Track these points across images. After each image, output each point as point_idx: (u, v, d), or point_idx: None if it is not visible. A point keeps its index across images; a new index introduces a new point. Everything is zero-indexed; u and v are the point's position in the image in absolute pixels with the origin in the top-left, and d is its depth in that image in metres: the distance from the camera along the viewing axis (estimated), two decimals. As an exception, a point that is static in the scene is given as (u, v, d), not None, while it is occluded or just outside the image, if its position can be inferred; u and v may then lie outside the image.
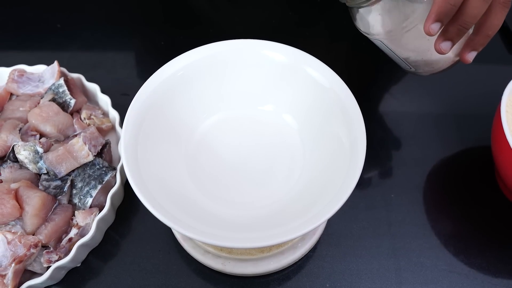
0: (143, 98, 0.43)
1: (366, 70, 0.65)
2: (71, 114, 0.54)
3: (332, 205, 0.37)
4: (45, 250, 0.45)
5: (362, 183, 0.53)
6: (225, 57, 0.46)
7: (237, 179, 0.44)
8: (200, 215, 0.40)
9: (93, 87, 0.57)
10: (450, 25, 0.39)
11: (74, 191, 0.48)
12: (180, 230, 0.35)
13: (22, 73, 0.56)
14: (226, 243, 0.35)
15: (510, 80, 0.49)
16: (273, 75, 0.47)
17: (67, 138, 0.52)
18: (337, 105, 0.43)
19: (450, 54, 0.44)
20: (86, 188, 0.48)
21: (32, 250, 0.44)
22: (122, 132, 0.41)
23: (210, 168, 0.45)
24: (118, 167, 0.50)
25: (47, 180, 0.48)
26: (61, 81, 0.54)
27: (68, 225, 0.47)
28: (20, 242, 0.43)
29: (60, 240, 0.46)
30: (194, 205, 0.41)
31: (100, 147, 0.50)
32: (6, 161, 0.49)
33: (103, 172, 0.49)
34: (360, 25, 0.45)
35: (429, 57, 0.45)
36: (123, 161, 0.39)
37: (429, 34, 0.39)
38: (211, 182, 0.44)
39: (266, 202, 0.43)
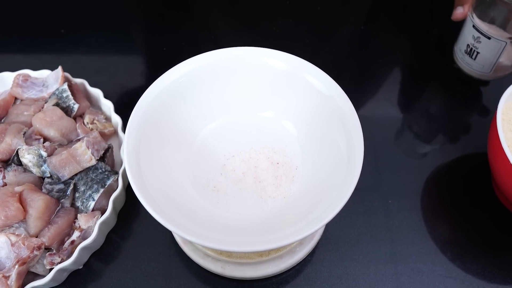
0: (146, 104, 0.43)
1: (365, 78, 0.65)
2: (75, 118, 0.54)
3: (330, 210, 0.37)
4: (48, 252, 0.46)
5: (360, 189, 0.53)
6: (226, 64, 0.47)
7: (236, 184, 0.45)
8: (200, 219, 0.40)
9: (96, 92, 0.58)
10: None
11: (77, 195, 0.49)
12: (180, 234, 0.36)
13: (26, 78, 0.57)
14: (226, 247, 0.36)
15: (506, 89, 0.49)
16: (273, 82, 0.47)
17: (70, 142, 0.53)
18: (336, 113, 0.43)
19: None
20: (89, 192, 0.49)
21: (35, 252, 0.44)
22: (125, 137, 0.41)
23: (210, 173, 0.45)
24: (120, 171, 0.51)
25: (50, 184, 0.49)
26: (65, 86, 0.54)
27: (71, 228, 0.48)
28: (24, 244, 0.44)
29: (62, 242, 0.47)
30: (194, 209, 0.42)
31: (103, 151, 0.51)
32: (11, 164, 0.50)
33: (106, 176, 0.50)
34: (493, 27, 0.54)
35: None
36: (126, 165, 0.39)
37: None
38: (211, 187, 0.44)
39: (265, 207, 0.43)
